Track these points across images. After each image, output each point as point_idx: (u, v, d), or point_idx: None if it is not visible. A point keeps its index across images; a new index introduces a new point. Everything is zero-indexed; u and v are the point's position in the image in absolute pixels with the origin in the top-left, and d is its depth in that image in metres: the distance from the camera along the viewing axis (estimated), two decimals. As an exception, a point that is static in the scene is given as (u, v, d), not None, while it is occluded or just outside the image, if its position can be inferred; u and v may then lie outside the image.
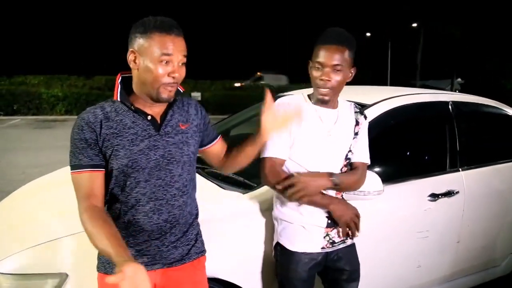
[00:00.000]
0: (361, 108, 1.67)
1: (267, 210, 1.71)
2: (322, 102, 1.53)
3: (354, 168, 1.62)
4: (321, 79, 1.46)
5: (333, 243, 1.59)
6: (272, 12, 39.31)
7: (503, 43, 24.19)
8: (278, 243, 1.62)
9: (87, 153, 1.17)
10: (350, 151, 1.59)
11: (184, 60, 1.21)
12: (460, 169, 2.28)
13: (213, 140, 1.44)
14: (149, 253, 1.26)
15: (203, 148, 1.43)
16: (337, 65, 1.45)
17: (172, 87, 1.20)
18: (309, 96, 1.61)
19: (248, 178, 1.95)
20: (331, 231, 1.58)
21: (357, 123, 1.61)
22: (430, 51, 28.33)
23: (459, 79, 27.02)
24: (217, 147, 1.47)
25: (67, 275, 1.40)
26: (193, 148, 1.32)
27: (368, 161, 1.64)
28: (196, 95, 15.41)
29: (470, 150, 2.37)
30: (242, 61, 35.73)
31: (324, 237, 1.58)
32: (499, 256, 2.57)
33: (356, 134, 1.60)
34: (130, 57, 1.18)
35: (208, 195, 1.74)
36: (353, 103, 1.65)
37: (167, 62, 1.16)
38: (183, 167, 1.28)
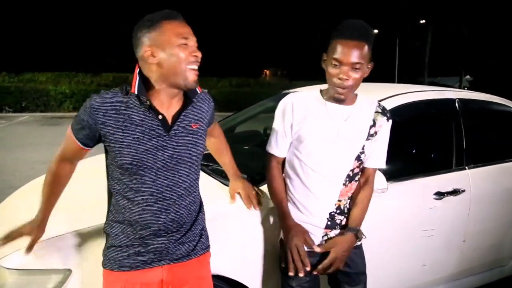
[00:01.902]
0: (385, 109, 1.56)
1: (270, 206, 1.71)
2: (337, 101, 1.47)
3: (364, 178, 1.57)
4: (339, 78, 1.38)
5: None
6: (278, 9, 39.16)
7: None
8: (281, 238, 1.61)
9: (81, 131, 1.22)
10: (363, 152, 1.52)
11: (197, 44, 1.21)
12: (467, 167, 2.26)
13: (208, 126, 1.47)
14: (155, 249, 1.26)
15: None
16: (357, 63, 1.37)
17: (196, 69, 1.20)
18: (321, 91, 1.55)
19: (252, 174, 1.94)
20: (331, 232, 1.55)
21: (374, 124, 1.51)
22: (439, 48, 28.06)
23: (467, 76, 26.73)
24: (210, 129, 1.49)
25: (70, 271, 1.40)
26: (202, 148, 1.32)
27: (382, 166, 1.59)
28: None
29: (477, 148, 2.35)
30: (248, 59, 35.68)
31: (323, 237, 1.55)
32: (506, 256, 2.55)
33: (371, 135, 1.51)
34: (146, 53, 1.16)
35: (212, 192, 1.75)
36: (376, 102, 1.56)
37: (185, 45, 1.17)
38: (191, 167, 1.28)
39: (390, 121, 1.56)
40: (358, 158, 1.51)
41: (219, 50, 35.62)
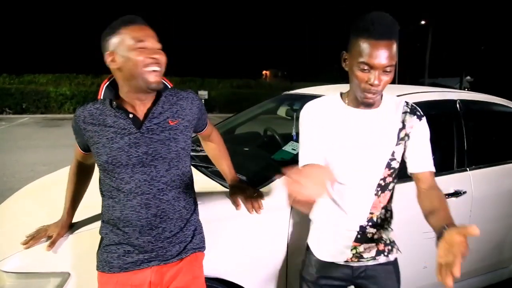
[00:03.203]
0: (414, 107, 1.38)
1: (269, 209, 1.70)
2: (366, 106, 1.30)
3: (426, 185, 1.32)
4: (371, 84, 1.20)
5: (360, 257, 1.42)
6: (279, 10, 39.20)
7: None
8: (307, 243, 1.54)
9: (77, 137, 1.35)
10: (393, 159, 1.35)
11: (160, 46, 1.24)
12: (468, 169, 2.25)
13: (202, 129, 1.54)
14: (143, 249, 1.27)
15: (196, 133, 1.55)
16: (390, 65, 1.19)
17: (156, 71, 1.21)
18: (342, 94, 1.37)
19: (251, 177, 1.93)
20: (360, 246, 1.41)
21: (403, 126, 1.34)
22: (439, 49, 28.07)
23: (468, 77, 26.73)
24: (205, 133, 1.58)
25: (69, 274, 1.40)
26: (183, 143, 1.32)
27: (431, 168, 1.34)
28: (203, 93, 15.46)
29: (478, 150, 2.34)
30: (249, 60, 35.71)
31: (351, 250, 1.41)
32: (508, 258, 2.53)
33: (401, 139, 1.34)
34: (108, 59, 1.22)
35: (212, 194, 1.74)
36: (403, 102, 1.37)
37: (143, 48, 1.20)
38: (170, 163, 1.29)
39: (424, 118, 1.37)
40: (388, 165, 1.35)
41: (220, 52, 35.64)
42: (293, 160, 2.00)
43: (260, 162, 2.38)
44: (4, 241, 1.57)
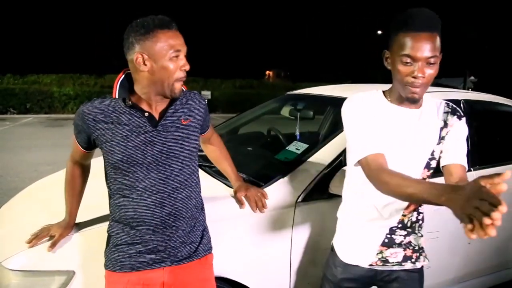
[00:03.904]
0: (455, 107, 1.37)
1: (273, 208, 1.70)
2: (412, 102, 1.28)
3: (457, 180, 1.24)
4: (414, 76, 1.19)
5: (385, 261, 1.40)
6: (281, 10, 39.21)
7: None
8: (332, 243, 1.53)
9: (79, 135, 1.31)
10: (433, 158, 1.33)
11: (186, 54, 1.25)
12: (472, 169, 2.24)
13: (205, 130, 1.54)
14: (156, 248, 1.27)
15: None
16: (432, 57, 1.18)
17: (183, 81, 1.25)
18: (384, 92, 1.36)
19: (255, 176, 1.94)
20: (386, 250, 1.39)
21: (445, 125, 1.32)
22: (443, 49, 27.97)
23: (472, 77, 26.61)
24: (207, 135, 1.59)
25: (74, 273, 1.41)
26: (194, 142, 1.34)
27: (463, 163, 1.29)
28: (206, 93, 15.48)
29: (482, 150, 2.33)
30: (252, 60, 35.71)
31: (377, 254, 1.39)
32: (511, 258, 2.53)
33: (442, 138, 1.32)
34: (138, 60, 1.18)
35: (216, 193, 1.74)
36: (444, 102, 1.37)
37: (177, 57, 1.20)
38: (183, 161, 1.29)
39: (463, 119, 1.35)
40: (428, 166, 1.33)
41: (223, 52, 35.67)
42: (296, 160, 2.00)
43: (263, 162, 2.38)
44: (8, 240, 1.58)
